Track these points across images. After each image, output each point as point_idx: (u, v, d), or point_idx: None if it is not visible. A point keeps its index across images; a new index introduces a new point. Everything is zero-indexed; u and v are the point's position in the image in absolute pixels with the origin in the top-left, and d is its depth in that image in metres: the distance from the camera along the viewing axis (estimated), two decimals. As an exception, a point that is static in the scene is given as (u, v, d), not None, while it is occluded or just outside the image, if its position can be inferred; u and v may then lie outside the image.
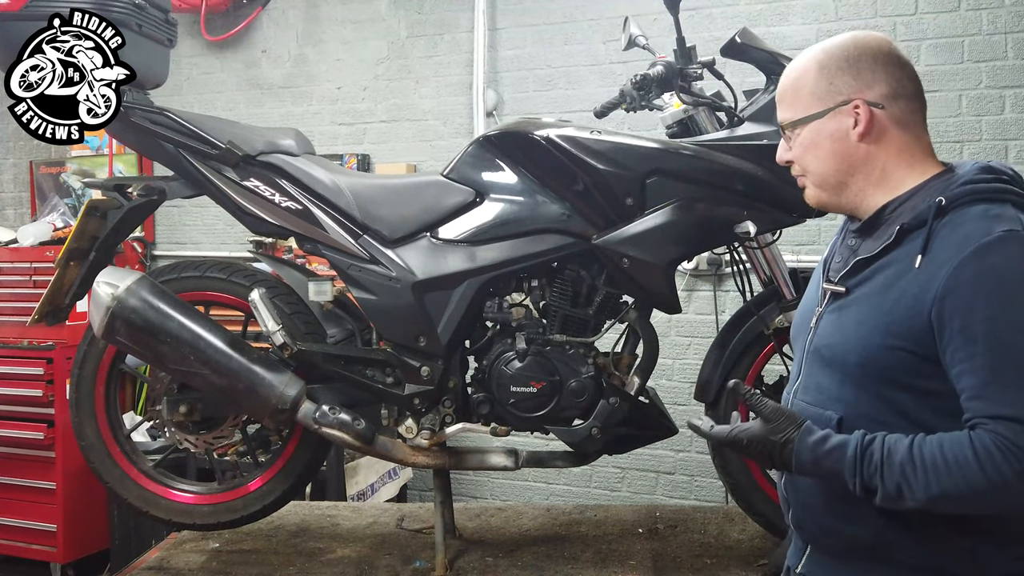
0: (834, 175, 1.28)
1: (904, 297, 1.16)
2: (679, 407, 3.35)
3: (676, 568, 2.16)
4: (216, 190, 2.12)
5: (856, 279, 1.26)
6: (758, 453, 1.23)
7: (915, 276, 1.16)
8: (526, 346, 2.03)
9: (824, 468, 1.18)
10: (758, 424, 1.22)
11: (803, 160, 1.31)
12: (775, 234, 2.07)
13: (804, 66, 1.30)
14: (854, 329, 1.22)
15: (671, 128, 2.13)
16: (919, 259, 1.16)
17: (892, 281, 1.19)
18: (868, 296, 1.22)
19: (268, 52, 4.25)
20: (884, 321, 1.18)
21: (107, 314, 2.00)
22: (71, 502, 3.67)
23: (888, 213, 1.25)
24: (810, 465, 1.18)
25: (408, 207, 2.10)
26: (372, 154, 4.05)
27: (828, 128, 1.27)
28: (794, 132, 1.31)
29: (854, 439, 1.16)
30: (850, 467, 1.15)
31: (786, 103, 1.32)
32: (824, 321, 1.30)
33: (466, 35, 3.85)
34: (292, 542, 2.41)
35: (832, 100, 1.26)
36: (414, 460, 2.14)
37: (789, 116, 1.31)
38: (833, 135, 1.26)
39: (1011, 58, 3.12)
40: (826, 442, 1.17)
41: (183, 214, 4.36)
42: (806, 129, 1.29)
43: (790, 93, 1.31)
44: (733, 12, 3.43)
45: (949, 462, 1.10)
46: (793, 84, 1.31)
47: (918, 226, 1.19)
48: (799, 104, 1.29)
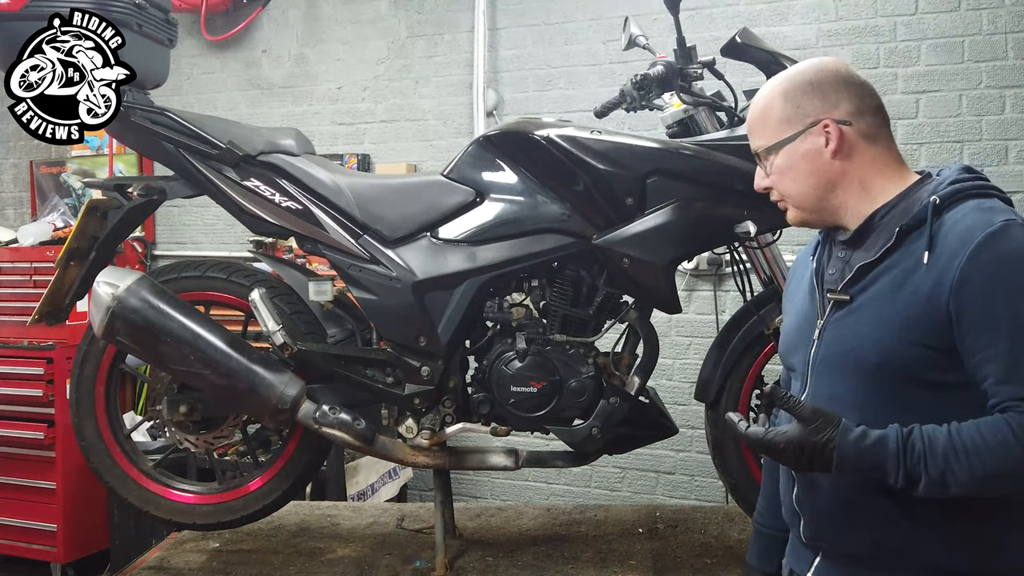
0: (813, 193, 1.33)
1: (918, 293, 1.20)
2: (679, 407, 3.35)
3: (676, 568, 2.16)
4: (216, 190, 2.12)
5: (859, 285, 1.28)
6: (795, 456, 1.20)
7: (925, 272, 1.19)
8: (526, 346, 2.03)
9: (866, 463, 1.17)
10: (795, 427, 1.19)
11: (781, 184, 1.35)
12: (775, 234, 2.07)
13: (769, 95, 1.35)
14: (870, 330, 1.24)
15: (671, 128, 2.13)
16: (926, 256, 1.19)
17: (901, 280, 1.22)
18: (877, 298, 1.25)
19: (268, 52, 4.25)
20: (901, 318, 1.21)
21: (107, 314, 2.00)
22: (71, 502, 3.67)
23: (878, 220, 1.29)
24: (854, 462, 1.17)
25: (408, 207, 2.10)
26: (372, 154, 4.05)
27: (801, 150, 1.31)
28: (768, 159, 1.35)
29: (893, 432, 1.17)
30: (893, 459, 1.15)
31: (756, 133, 1.37)
32: (830, 330, 1.31)
33: (466, 35, 3.85)
34: (292, 542, 2.41)
35: (801, 123, 1.31)
36: (414, 460, 2.14)
37: (762, 143, 1.36)
38: (807, 155, 1.31)
39: (1011, 58, 3.12)
40: (866, 437, 1.17)
41: (183, 214, 4.36)
42: (780, 154, 1.33)
43: (759, 123, 1.36)
44: (733, 12, 3.43)
45: (991, 444, 1.12)
46: (761, 114, 1.36)
47: (916, 226, 1.23)
48: (768, 131, 1.34)
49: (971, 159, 3.16)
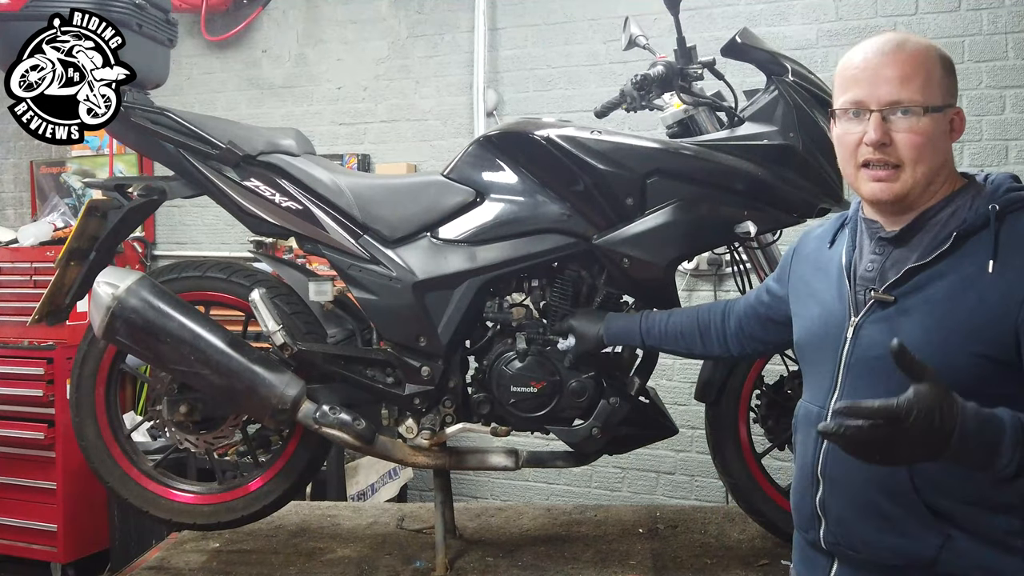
0: (932, 171, 1.25)
1: (984, 303, 1.16)
2: (679, 407, 3.35)
3: (676, 568, 2.16)
4: (216, 190, 2.13)
5: (906, 287, 1.23)
6: (923, 427, 1.03)
7: (991, 282, 1.16)
8: (526, 346, 2.03)
9: (985, 437, 1.06)
10: (924, 388, 1.04)
11: (919, 148, 1.23)
12: (775, 234, 2.07)
13: (929, 56, 1.25)
14: (925, 336, 1.19)
15: (671, 128, 2.13)
16: (991, 264, 1.16)
17: (962, 288, 1.18)
18: (930, 304, 1.20)
19: (268, 52, 4.25)
20: (965, 328, 1.16)
21: (107, 314, 2.00)
22: (71, 502, 3.67)
23: (926, 220, 1.25)
24: (974, 434, 1.05)
25: (408, 207, 2.10)
26: (372, 154, 4.05)
27: (942, 125, 1.25)
28: (907, 116, 1.23)
29: (1005, 413, 1.08)
30: (1011, 439, 1.06)
31: (915, 85, 1.23)
32: (868, 331, 1.26)
33: (466, 35, 3.85)
34: (292, 542, 2.41)
35: (952, 99, 1.27)
36: (414, 460, 2.14)
37: (921, 99, 1.23)
38: (944, 133, 1.26)
39: (1012, 58, 3.12)
40: (981, 411, 1.07)
41: (183, 214, 4.36)
42: (929, 118, 1.23)
43: (921, 75, 1.24)
44: (733, 12, 3.43)
45: None
46: (924, 67, 1.24)
47: (974, 232, 1.19)
48: (931, 91, 1.24)
49: (971, 159, 3.17)
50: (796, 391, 2.12)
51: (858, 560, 1.27)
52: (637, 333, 1.88)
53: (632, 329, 1.90)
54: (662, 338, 1.85)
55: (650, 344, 1.89)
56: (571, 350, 1.99)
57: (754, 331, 1.70)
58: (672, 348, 1.86)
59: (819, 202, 1.96)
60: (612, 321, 1.93)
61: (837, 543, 1.29)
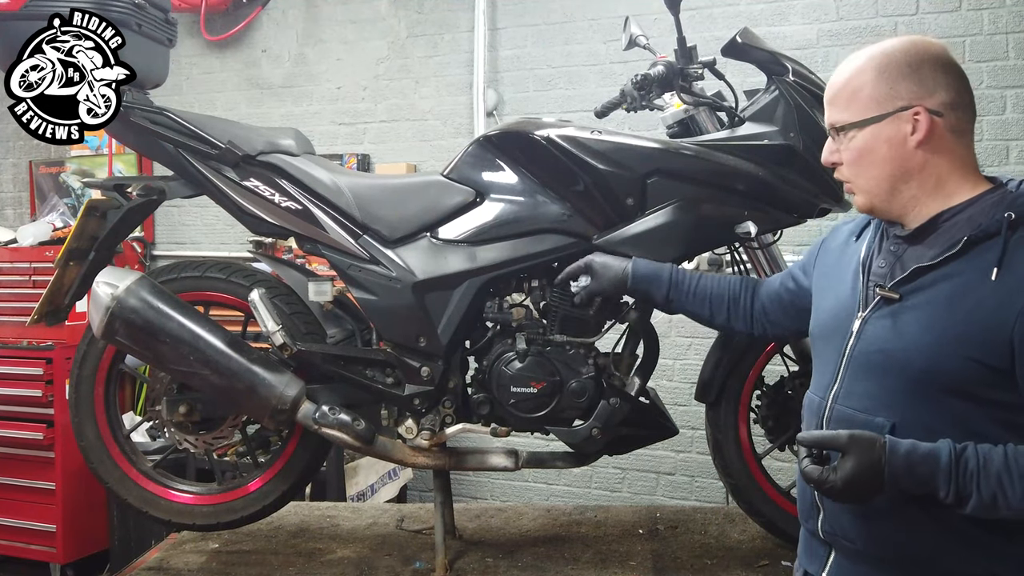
0: (888, 180, 1.26)
1: (981, 309, 1.16)
2: (680, 407, 3.35)
3: (676, 569, 2.16)
4: (216, 190, 2.12)
5: (912, 286, 1.24)
6: (856, 490, 1.14)
7: (993, 289, 1.15)
8: (526, 346, 2.03)
9: (917, 477, 1.13)
10: (845, 461, 1.14)
11: (855, 164, 1.29)
12: (776, 234, 2.07)
13: (862, 68, 1.27)
14: (920, 335, 1.20)
15: (672, 128, 2.13)
16: (995, 272, 1.15)
17: (963, 291, 1.18)
18: (931, 304, 1.21)
19: (268, 52, 4.25)
20: (958, 331, 1.17)
21: (106, 314, 2.00)
22: (71, 502, 3.68)
23: (942, 222, 1.24)
24: (904, 475, 1.13)
25: (408, 207, 2.10)
26: (372, 154, 4.05)
27: (885, 133, 1.25)
28: (846, 135, 1.28)
29: (945, 447, 1.13)
30: (945, 475, 1.12)
31: (840, 105, 1.29)
32: (872, 326, 1.27)
33: (466, 35, 3.85)
34: (292, 542, 2.41)
35: (892, 105, 1.24)
36: (414, 461, 2.14)
37: (845, 118, 1.28)
38: (890, 140, 1.25)
39: (1012, 58, 3.12)
40: (916, 450, 1.13)
41: (183, 214, 4.36)
42: (862, 133, 1.26)
43: (845, 95, 1.28)
44: (734, 12, 3.43)
45: None
46: (848, 86, 1.28)
47: (985, 238, 1.18)
48: (856, 106, 1.26)
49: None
50: (796, 391, 2.12)
51: (853, 551, 1.28)
52: (665, 283, 1.80)
53: (661, 276, 1.81)
54: (689, 295, 1.79)
55: (673, 298, 1.80)
56: (585, 288, 1.89)
57: (776, 316, 1.72)
58: (695, 310, 1.81)
59: (819, 202, 1.95)
60: (640, 262, 1.85)
61: (833, 532, 1.31)
